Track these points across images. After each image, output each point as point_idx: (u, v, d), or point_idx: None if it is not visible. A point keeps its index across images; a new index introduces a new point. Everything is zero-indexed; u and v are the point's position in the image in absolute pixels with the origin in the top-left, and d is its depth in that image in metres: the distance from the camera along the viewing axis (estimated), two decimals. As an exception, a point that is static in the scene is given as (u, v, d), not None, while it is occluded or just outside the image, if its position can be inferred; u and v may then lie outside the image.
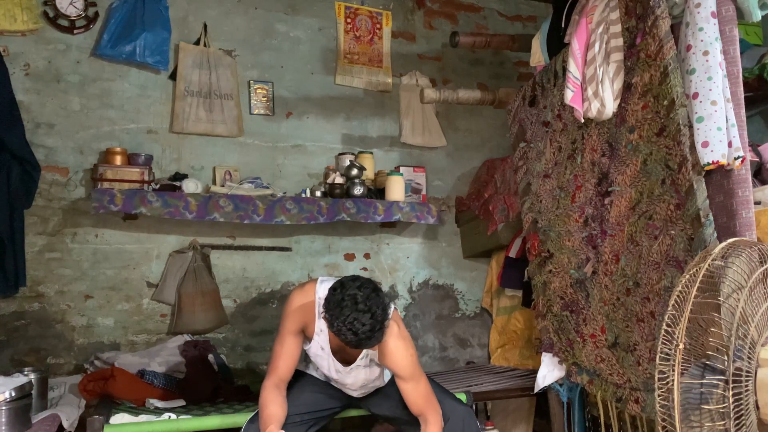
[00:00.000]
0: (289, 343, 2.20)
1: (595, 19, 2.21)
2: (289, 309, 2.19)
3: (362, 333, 1.90)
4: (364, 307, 1.91)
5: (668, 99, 1.94)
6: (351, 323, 1.90)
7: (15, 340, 3.03)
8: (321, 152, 3.73)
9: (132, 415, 2.35)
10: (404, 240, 3.88)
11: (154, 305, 3.30)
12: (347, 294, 1.93)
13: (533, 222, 2.78)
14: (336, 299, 1.94)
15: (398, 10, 4.03)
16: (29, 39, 3.17)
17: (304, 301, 2.19)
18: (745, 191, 1.84)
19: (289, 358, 2.20)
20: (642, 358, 2.13)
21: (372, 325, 1.91)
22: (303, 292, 2.21)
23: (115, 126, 3.31)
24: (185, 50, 3.42)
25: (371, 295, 1.95)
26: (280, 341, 2.21)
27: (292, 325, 2.19)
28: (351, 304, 1.91)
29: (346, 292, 1.94)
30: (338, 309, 1.92)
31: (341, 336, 1.94)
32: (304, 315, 2.18)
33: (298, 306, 2.19)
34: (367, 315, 1.90)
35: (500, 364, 3.50)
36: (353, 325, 1.90)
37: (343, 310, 1.91)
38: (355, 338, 1.92)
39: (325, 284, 2.16)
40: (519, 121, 2.89)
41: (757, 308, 1.50)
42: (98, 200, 2.92)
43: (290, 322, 2.19)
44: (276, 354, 2.21)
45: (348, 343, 1.96)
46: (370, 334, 1.92)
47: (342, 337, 1.94)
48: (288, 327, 2.19)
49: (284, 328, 2.20)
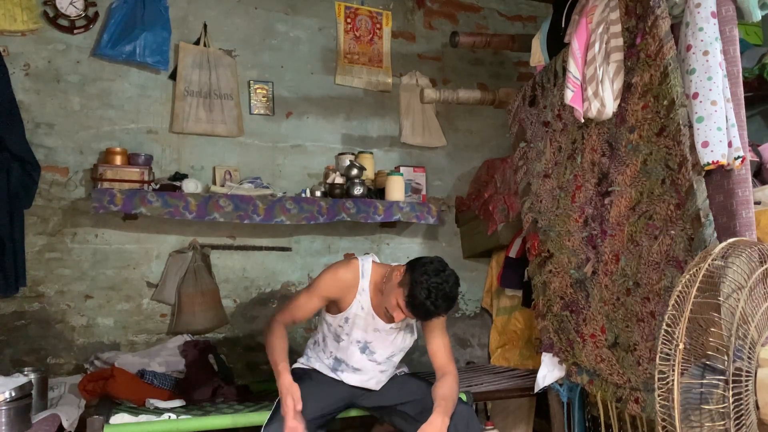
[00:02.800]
0: (315, 303, 2.37)
1: (595, 19, 2.21)
2: (329, 275, 2.36)
3: (452, 295, 2.16)
4: (450, 273, 2.19)
5: (668, 99, 1.94)
6: (439, 287, 2.12)
7: (15, 340, 3.03)
8: (321, 152, 3.73)
9: (132, 415, 2.35)
10: (404, 240, 3.88)
11: (154, 305, 3.30)
12: (436, 261, 2.20)
13: (533, 222, 2.78)
14: (428, 268, 2.16)
15: (398, 10, 4.03)
16: (29, 39, 3.17)
17: (348, 272, 2.35)
18: (745, 191, 1.84)
19: (308, 312, 2.40)
20: (642, 358, 2.13)
21: (456, 289, 2.18)
22: (347, 264, 2.39)
23: (115, 126, 3.31)
24: (185, 50, 3.42)
25: (447, 266, 2.22)
26: (308, 295, 2.37)
27: (326, 290, 2.35)
28: (439, 270, 2.16)
29: (433, 262, 2.19)
30: (428, 276, 2.12)
31: (430, 300, 2.12)
32: (344, 285, 2.34)
33: (340, 276, 2.35)
34: (452, 277, 2.19)
35: (500, 364, 3.49)
36: (442, 288, 2.13)
37: (437, 276, 2.13)
38: (445, 303, 2.16)
39: (367, 259, 2.39)
40: (519, 121, 2.89)
41: (757, 308, 1.50)
42: (98, 200, 2.92)
43: (326, 287, 2.35)
44: (298, 303, 2.39)
45: (432, 308, 2.14)
46: (454, 297, 2.18)
47: (429, 301, 2.12)
48: (321, 289, 2.35)
49: (317, 288, 2.36)
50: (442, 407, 2.23)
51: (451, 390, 2.32)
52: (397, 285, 2.21)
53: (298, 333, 3.56)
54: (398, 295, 2.19)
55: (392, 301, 2.22)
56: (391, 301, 2.23)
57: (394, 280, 2.24)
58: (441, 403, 2.25)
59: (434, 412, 2.21)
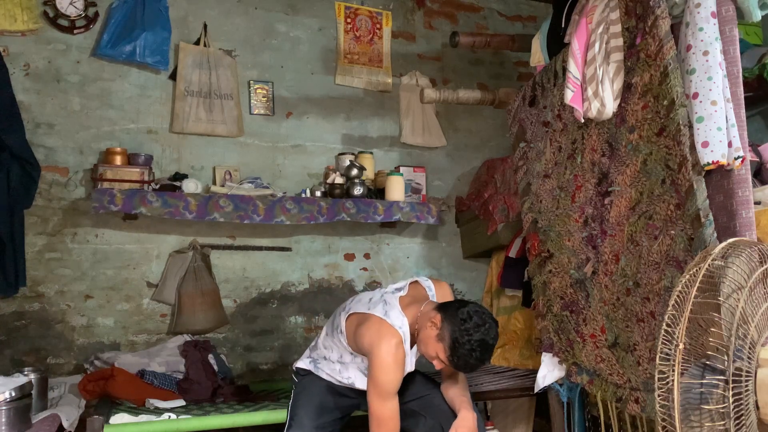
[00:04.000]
0: (396, 404, 2.17)
1: (595, 19, 2.21)
2: (390, 367, 2.13)
3: (494, 344, 2.11)
4: (491, 324, 2.11)
5: (668, 99, 1.94)
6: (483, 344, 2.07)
7: (15, 340, 3.03)
8: (321, 152, 3.73)
9: (132, 415, 2.35)
10: (404, 240, 3.88)
11: (154, 305, 3.30)
12: (474, 314, 2.10)
13: (533, 222, 2.78)
14: (468, 326, 2.07)
15: (398, 10, 4.03)
16: (29, 39, 3.17)
17: (399, 352, 2.15)
18: (745, 191, 1.84)
19: (397, 417, 2.17)
20: (642, 358, 2.13)
21: (497, 335, 2.13)
22: (391, 344, 2.14)
23: (115, 126, 3.31)
24: (185, 50, 3.42)
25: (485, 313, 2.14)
26: (383, 402, 2.14)
27: (399, 383, 2.17)
28: (479, 325, 2.08)
29: (472, 317, 2.09)
30: (470, 335, 2.05)
31: (474, 357, 2.07)
32: (403, 360, 2.18)
33: (398, 365, 2.16)
34: (494, 328, 2.12)
35: (500, 364, 3.49)
36: (485, 343, 2.08)
37: (478, 332, 2.06)
38: (488, 355, 2.11)
39: (392, 314, 2.20)
40: (519, 121, 2.89)
41: (757, 308, 1.50)
42: (98, 200, 2.92)
43: (396, 381, 2.16)
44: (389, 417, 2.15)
45: (477, 363, 2.10)
46: (495, 344, 2.12)
47: (474, 358, 2.08)
48: (393, 389, 2.15)
49: (389, 390, 2.14)
50: (467, 402, 2.27)
51: (466, 387, 2.37)
52: (436, 339, 2.11)
53: (298, 333, 3.56)
54: (439, 350, 2.11)
55: (431, 353, 2.15)
56: (430, 353, 2.15)
57: (430, 332, 2.13)
58: (464, 399, 2.28)
59: (462, 408, 2.24)
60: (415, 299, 2.29)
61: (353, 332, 2.26)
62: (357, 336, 2.22)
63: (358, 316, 2.28)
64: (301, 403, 2.34)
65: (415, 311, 2.23)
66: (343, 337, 2.31)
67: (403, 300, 2.27)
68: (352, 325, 2.28)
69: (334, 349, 2.39)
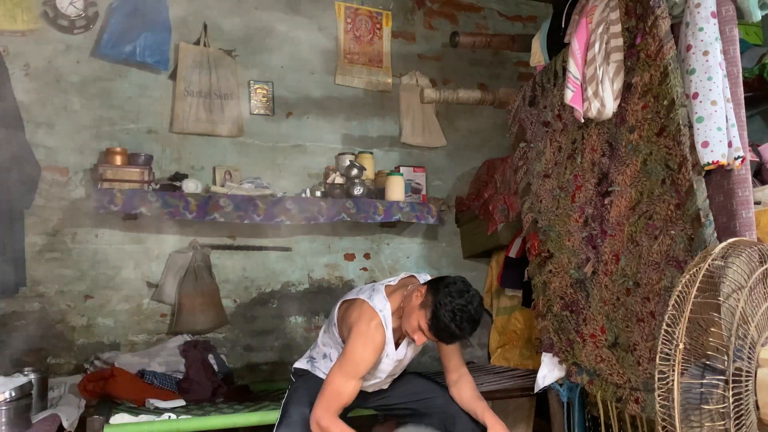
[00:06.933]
0: (356, 385, 2.17)
1: (595, 19, 2.21)
2: (363, 353, 2.14)
3: (477, 317, 2.08)
4: (475, 294, 2.10)
5: (668, 99, 1.94)
6: (464, 309, 2.04)
7: (15, 340, 3.03)
8: (321, 152, 3.73)
9: (132, 415, 2.35)
10: (404, 240, 3.88)
11: (154, 305, 3.30)
12: (459, 281, 2.11)
13: (533, 222, 2.78)
14: (452, 289, 2.07)
15: (398, 10, 4.02)
16: (29, 39, 3.17)
17: (377, 336, 2.17)
18: (745, 191, 1.84)
19: (353, 395, 2.17)
20: (642, 358, 2.13)
21: (481, 310, 2.10)
22: (370, 326, 2.17)
23: (115, 126, 3.31)
24: (185, 50, 3.42)
25: (470, 286, 2.14)
26: (345, 378, 2.14)
27: (365, 369, 2.17)
28: (463, 291, 2.08)
29: (456, 282, 2.10)
30: (452, 297, 2.04)
31: (455, 323, 2.04)
32: (379, 352, 2.19)
33: (374, 347, 2.16)
34: (477, 299, 2.10)
35: (500, 364, 3.49)
36: (467, 310, 2.05)
37: (461, 297, 2.05)
38: (470, 326, 2.07)
39: (376, 297, 2.22)
40: (519, 121, 2.89)
41: (757, 308, 1.50)
42: (98, 200, 2.92)
43: (364, 366, 2.16)
44: (339, 390, 2.13)
45: (457, 331, 2.06)
46: (479, 319, 2.10)
47: (454, 324, 2.04)
48: (361, 371, 2.15)
49: (356, 370, 2.14)
50: (489, 409, 2.29)
51: (478, 391, 2.39)
52: (419, 307, 2.12)
53: (297, 333, 3.56)
54: (420, 317, 2.10)
55: (413, 324, 2.12)
56: (412, 324, 2.13)
57: (414, 302, 2.14)
58: (485, 405, 2.30)
59: (487, 416, 2.26)
60: (404, 287, 2.32)
61: (342, 319, 2.31)
62: (344, 322, 2.28)
63: (347, 302, 2.33)
64: (294, 401, 2.32)
65: (400, 296, 2.26)
66: (335, 329, 2.35)
67: (390, 287, 2.31)
68: (341, 312, 2.34)
69: (330, 346, 2.41)
